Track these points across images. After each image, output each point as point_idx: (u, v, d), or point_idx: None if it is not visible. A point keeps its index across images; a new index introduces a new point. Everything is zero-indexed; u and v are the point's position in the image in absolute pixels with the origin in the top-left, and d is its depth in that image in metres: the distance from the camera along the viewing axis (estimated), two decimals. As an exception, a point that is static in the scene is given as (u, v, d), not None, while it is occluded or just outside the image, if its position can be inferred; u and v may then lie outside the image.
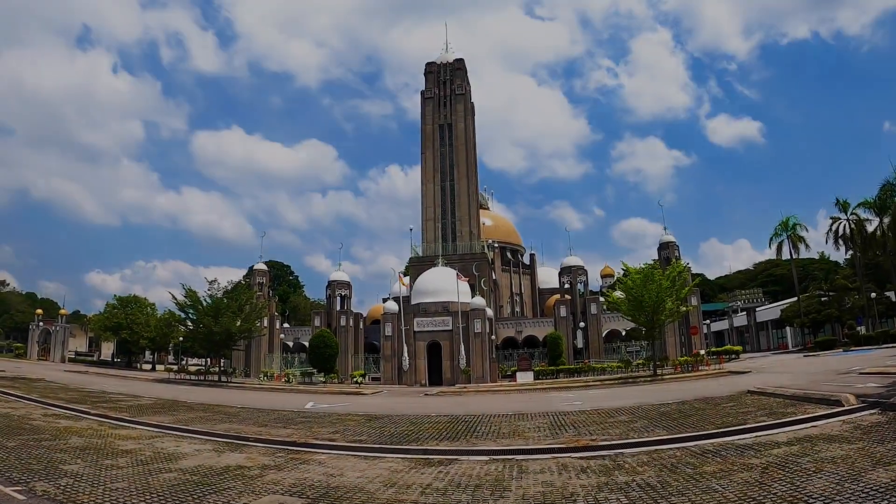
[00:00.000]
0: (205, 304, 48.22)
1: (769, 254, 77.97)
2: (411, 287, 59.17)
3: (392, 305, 53.83)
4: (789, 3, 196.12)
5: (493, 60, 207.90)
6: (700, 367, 41.10)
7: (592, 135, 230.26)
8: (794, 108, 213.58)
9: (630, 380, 37.09)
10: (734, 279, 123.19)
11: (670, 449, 11.74)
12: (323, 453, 12.69)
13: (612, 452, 11.60)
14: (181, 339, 69.67)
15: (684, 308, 43.27)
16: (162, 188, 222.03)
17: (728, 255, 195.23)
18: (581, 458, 11.18)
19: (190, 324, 49.81)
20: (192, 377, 50.74)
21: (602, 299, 56.02)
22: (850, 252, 77.44)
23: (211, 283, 49.11)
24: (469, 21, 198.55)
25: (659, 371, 38.96)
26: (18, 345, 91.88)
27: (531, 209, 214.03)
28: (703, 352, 46.70)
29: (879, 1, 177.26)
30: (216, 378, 48.82)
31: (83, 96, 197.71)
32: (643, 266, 41.20)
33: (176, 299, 48.94)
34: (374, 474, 10.24)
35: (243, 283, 50.55)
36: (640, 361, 46.84)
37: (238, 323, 46.97)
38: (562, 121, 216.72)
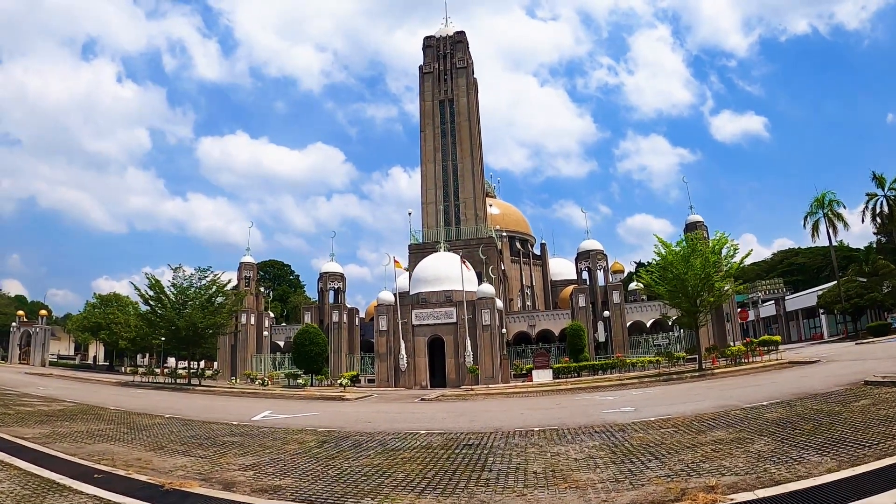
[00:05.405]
0: (171, 295, 41.95)
1: (778, 245, 73.00)
2: (410, 275, 52.68)
3: (387, 296, 47.11)
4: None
5: (495, 61, 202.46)
6: (751, 358, 34.31)
7: (598, 133, 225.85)
8: (797, 103, 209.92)
9: (675, 376, 30.38)
10: (750, 271, 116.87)
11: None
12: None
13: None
14: (162, 338, 63.58)
15: (728, 288, 36.44)
16: (168, 195, 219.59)
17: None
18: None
19: (154, 318, 43.34)
20: (159, 380, 44.57)
21: (634, 284, 49.30)
22: (878, 236, 71.89)
23: (175, 269, 42.55)
24: (471, 22, 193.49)
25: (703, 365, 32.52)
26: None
27: (538, 208, 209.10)
28: (742, 341, 39.99)
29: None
30: (186, 381, 42.51)
31: (89, 105, 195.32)
32: (684, 239, 34.68)
33: (139, 291, 42.70)
34: None
35: (213, 272, 43.77)
36: (682, 354, 39.98)
37: (202, 315, 40.51)
38: (566, 120, 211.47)
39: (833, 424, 10.30)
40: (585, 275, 53.40)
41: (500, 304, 49.43)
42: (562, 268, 76.94)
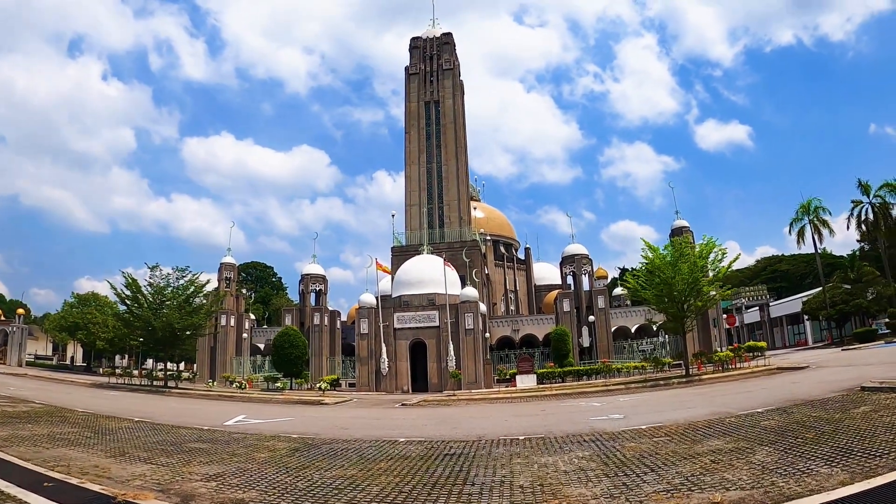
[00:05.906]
0: (148, 295, 40.86)
1: (761, 253, 73.12)
2: (393, 278, 51.84)
3: (368, 298, 46.26)
4: (773, 9, 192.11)
5: (482, 67, 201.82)
6: (737, 364, 33.93)
7: (583, 140, 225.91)
8: (781, 113, 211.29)
9: (661, 382, 29.86)
10: (733, 277, 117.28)
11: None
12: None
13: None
14: (140, 339, 62.15)
15: (715, 294, 35.99)
16: (153, 195, 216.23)
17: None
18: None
19: (131, 318, 42.16)
20: (135, 382, 43.42)
21: (619, 289, 48.72)
22: (862, 243, 72.27)
23: (152, 268, 41.42)
24: (460, 28, 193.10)
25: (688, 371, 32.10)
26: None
27: (522, 213, 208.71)
28: (727, 347, 39.73)
29: (863, 7, 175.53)
30: (162, 383, 41.39)
31: (74, 104, 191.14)
32: (671, 243, 34.24)
33: (115, 289, 41.54)
34: None
35: (191, 272, 42.65)
36: (668, 360, 39.51)
37: (179, 316, 39.45)
38: (551, 126, 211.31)
39: (836, 432, 9.78)
40: (570, 279, 52.94)
41: (483, 308, 48.79)
42: (546, 272, 76.53)
